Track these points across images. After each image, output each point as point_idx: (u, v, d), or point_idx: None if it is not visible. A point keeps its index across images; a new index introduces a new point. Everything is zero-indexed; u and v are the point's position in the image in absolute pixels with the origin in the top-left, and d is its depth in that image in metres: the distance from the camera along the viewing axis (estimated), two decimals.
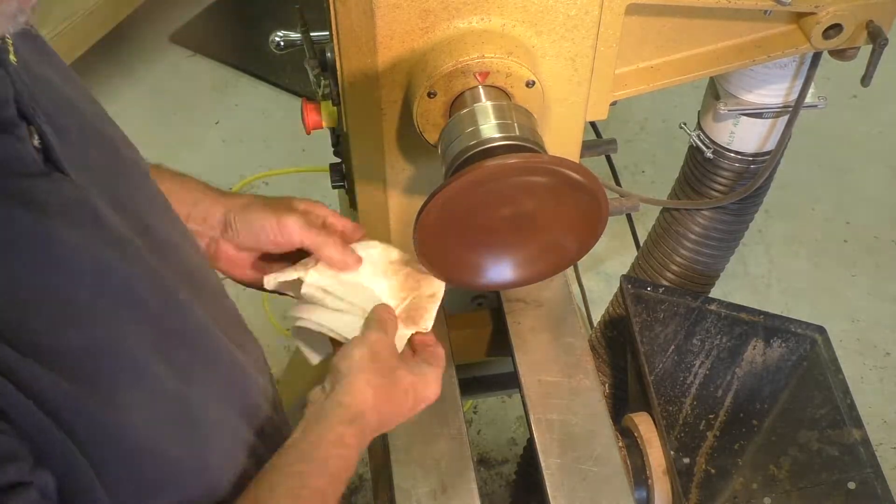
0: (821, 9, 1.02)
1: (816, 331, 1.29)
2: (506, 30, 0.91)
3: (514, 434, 2.16)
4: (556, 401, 1.04)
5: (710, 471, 1.24)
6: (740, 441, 1.26)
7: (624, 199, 1.23)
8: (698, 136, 1.30)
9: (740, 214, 1.34)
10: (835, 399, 1.25)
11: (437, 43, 0.91)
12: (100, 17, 2.68)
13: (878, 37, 1.04)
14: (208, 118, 2.87)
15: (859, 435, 1.22)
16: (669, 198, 1.40)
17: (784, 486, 1.22)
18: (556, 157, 0.84)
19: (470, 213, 0.84)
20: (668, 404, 1.28)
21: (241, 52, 3.06)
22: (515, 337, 1.11)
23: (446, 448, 1.01)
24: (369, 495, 2.04)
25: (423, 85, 0.90)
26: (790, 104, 1.20)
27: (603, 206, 0.86)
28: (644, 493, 1.10)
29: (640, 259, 1.47)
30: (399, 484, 0.98)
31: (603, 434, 1.02)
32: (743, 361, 1.30)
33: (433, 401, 0.84)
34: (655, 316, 1.29)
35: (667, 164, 2.71)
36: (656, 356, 1.29)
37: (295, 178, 2.67)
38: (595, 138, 1.34)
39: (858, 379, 2.25)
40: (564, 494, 0.97)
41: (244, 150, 2.77)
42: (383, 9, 0.88)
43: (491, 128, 0.86)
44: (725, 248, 1.39)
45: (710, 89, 1.27)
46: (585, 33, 0.94)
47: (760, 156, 1.27)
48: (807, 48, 1.07)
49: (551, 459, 0.99)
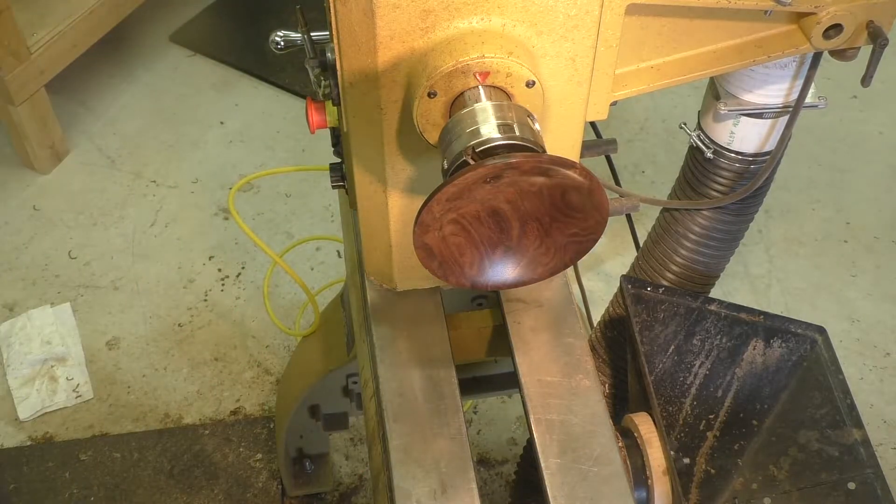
0: (821, 9, 1.02)
1: (816, 331, 1.29)
2: (506, 30, 0.91)
3: (514, 434, 2.16)
4: (556, 401, 1.04)
5: (710, 471, 1.24)
6: (740, 441, 1.26)
7: (624, 199, 1.23)
8: (698, 136, 1.30)
9: (740, 214, 1.34)
10: (835, 399, 1.25)
11: (437, 43, 0.91)
12: (100, 17, 2.69)
13: (878, 37, 1.04)
14: (208, 118, 2.87)
15: (859, 435, 1.22)
16: (669, 198, 1.40)
17: (784, 486, 1.22)
18: (556, 156, 0.84)
19: (470, 212, 0.84)
20: (668, 404, 1.28)
21: (241, 52, 3.07)
22: (515, 337, 1.11)
23: (446, 448, 1.01)
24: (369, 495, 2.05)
25: (424, 85, 0.90)
26: (790, 104, 1.20)
27: (603, 206, 0.86)
28: (644, 493, 1.10)
29: (640, 259, 1.47)
30: (399, 484, 0.98)
31: (603, 434, 1.02)
32: (743, 361, 1.30)
33: None
34: (655, 316, 1.29)
35: (667, 164, 2.71)
36: (656, 356, 1.29)
37: (295, 178, 2.67)
38: (595, 138, 1.34)
39: (858, 379, 2.26)
40: (564, 494, 0.97)
41: (244, 150, 2.77)
42: (383, 9, 0.88)
43: (491, 128, 0.86)
44: (725, 248, 1.39)
45: (710, 89, 1.27)
46: (585, 33, 0.94)
47: (760, 156, 1.27)
48: (807, 48, 1.07)
49: (551, 459, 0.99)
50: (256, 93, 2.96)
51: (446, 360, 1.08)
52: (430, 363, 1.07)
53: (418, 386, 1.06)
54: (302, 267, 2.46)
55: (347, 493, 2.08)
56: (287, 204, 2.65)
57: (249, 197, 2.65)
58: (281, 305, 2.38)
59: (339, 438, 2.14)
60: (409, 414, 1.03)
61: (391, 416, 1.03)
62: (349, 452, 2.13)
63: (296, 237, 2.55)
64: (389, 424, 1.02)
